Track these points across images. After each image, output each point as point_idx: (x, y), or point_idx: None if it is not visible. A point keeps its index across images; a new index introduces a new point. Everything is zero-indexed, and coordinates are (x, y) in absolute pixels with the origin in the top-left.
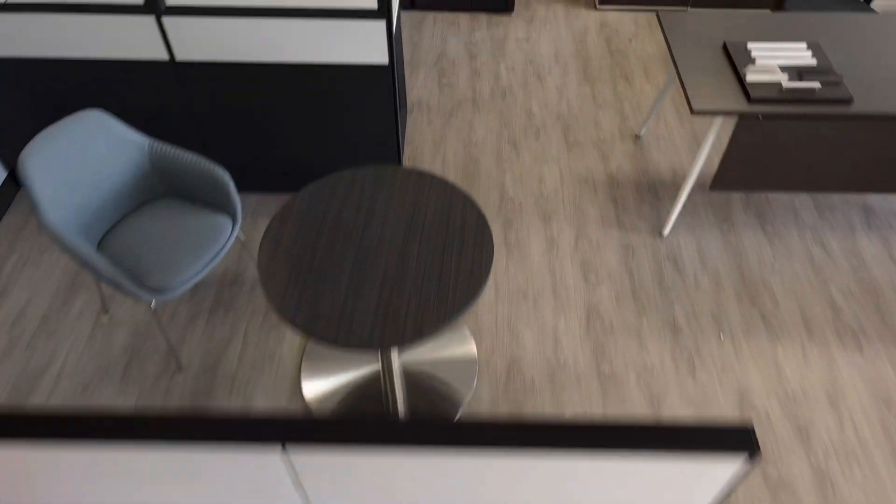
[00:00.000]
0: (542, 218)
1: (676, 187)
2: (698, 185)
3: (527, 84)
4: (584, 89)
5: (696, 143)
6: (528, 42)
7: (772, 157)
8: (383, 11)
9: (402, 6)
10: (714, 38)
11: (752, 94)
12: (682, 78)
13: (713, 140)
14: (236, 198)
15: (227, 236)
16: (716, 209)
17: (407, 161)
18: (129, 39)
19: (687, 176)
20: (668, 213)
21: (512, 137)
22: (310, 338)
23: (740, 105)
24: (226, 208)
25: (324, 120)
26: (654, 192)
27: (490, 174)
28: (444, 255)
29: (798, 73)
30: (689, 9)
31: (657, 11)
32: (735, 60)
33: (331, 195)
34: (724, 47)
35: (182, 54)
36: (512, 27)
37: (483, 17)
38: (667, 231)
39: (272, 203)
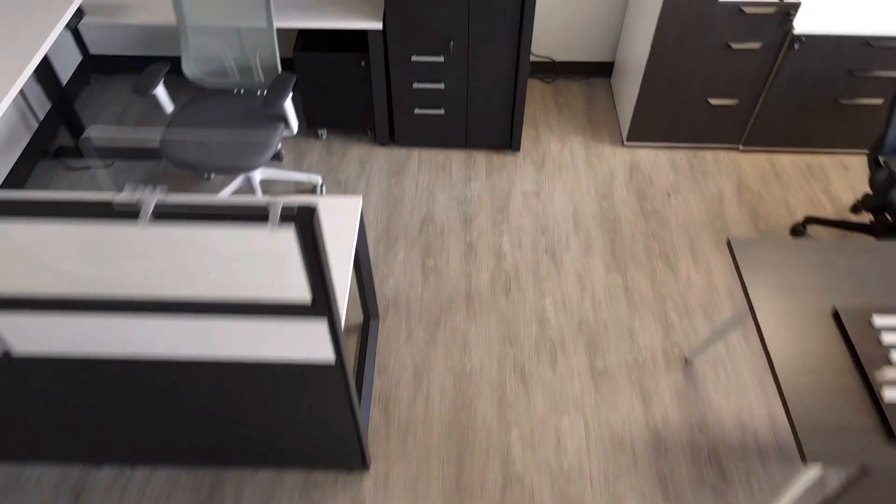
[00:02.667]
0: None
1: (746, 455)
2: (775, 451)
3: (538, 268)
4: (614, 278)
5: (768, 377)
6: (538, 198)
7: None
8: (321, 308)
9: (379, 141)
10: (813, 286)
11: None
12: (782, 387)
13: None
14: None
15: None
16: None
17: (377, 408)
18: None
19: None
20: None
21: (519, 362)
22: None
23: (877, 454)
24: None
25: (251, 418)
26: (716, 463)
27: (489, 430)
28: None
29: None
30: (741, 147)
31: (719, 233)
32: (857, 348)
33: None
34: (836, 316)
35: (23, 346)
36: (518, 173)
37: (481, 158)
38: None
39: None
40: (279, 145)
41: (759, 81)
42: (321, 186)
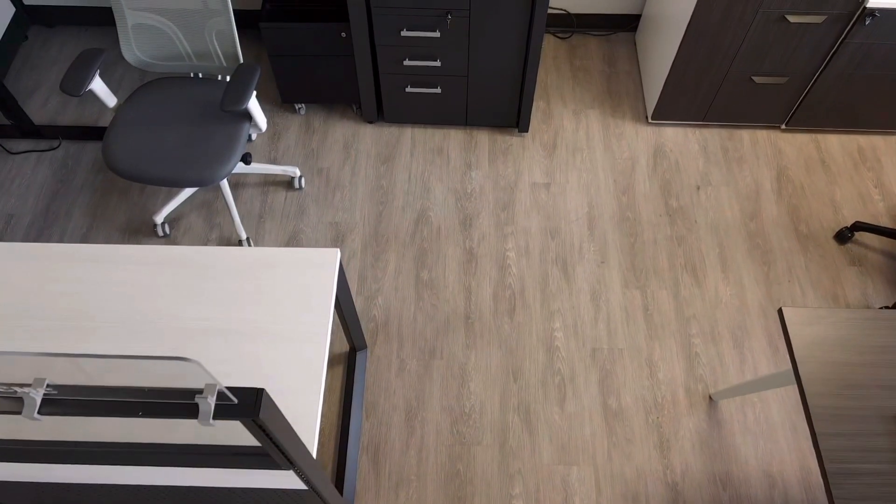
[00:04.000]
0: None
1: None
2: None
3: (546, 282)
4: (632, 295)
5: (802, 422)
6: (548, 191)
7: None
8: (284, 465)
9: (366, 118)
10: (886, 379)
11: None
12: None
13: None
14: None
15: None
16: None
17: (365, 456)
18: None
19: None
20: None
21: (524, 401)
22: None
23: None
24: None
25: None
26: None
27: (489, 484)
28: None
29: None
30: (783, 127)
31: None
32: None
33: None
34: None
35: None
36: (525, 160)
37: (483, 139)
38: None
39: None
40: (253, 136)
41: (815, 59)
42: (299, 179)
